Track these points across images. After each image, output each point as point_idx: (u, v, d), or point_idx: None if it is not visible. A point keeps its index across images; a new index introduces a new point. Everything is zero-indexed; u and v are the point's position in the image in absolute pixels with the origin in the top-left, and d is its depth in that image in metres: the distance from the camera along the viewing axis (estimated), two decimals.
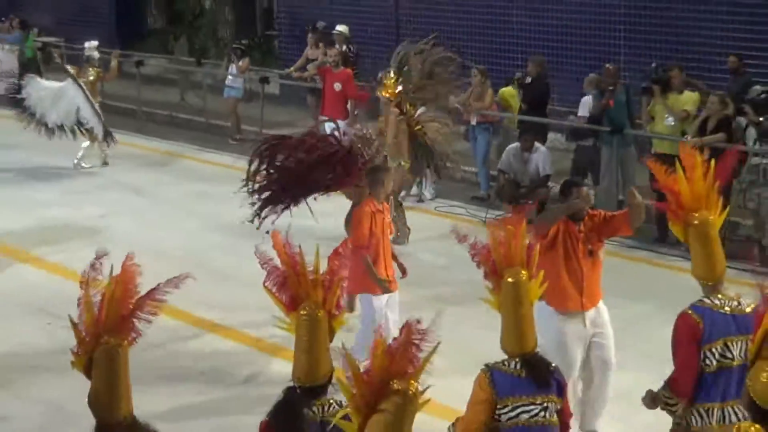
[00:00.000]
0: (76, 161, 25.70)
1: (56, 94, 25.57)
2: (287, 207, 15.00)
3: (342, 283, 8.90)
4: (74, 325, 8.18)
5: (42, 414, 12.51)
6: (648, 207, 12.71)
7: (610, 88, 21.32)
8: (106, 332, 8.16)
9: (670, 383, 9.98)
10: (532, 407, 9.05)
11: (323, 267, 8.78)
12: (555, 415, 9.20)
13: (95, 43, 27.00)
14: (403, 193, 19.79)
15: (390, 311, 14.18)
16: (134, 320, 8.25)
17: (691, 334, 9.87)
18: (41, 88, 25.99)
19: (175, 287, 8.31)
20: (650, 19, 25.26)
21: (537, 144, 20.34)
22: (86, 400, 8.15)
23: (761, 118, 19.69)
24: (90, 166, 25.67)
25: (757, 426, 6.91)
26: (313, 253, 8.71)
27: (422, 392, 7.59)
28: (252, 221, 14.79)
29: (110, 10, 38.66)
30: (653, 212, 16.07)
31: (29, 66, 32.84)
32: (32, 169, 25.69)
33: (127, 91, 31.65)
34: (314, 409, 8.49)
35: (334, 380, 8.52)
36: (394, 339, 7.49)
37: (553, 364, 9.36)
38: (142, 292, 8.12)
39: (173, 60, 34.85)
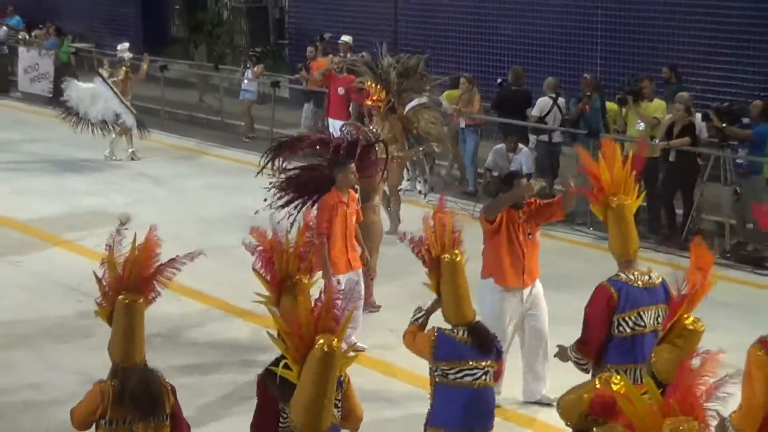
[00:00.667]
0: (107, 153, 25.92)
1: (92, 93, 25.72)
2: (305, 203, 15.27)
3: (313, 251, 9.39)
4: (98, 280, 8.77)
5: (74, 383, 12.52)
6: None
7: (588, 94, 21.46)
8: (127, 289, 8.66)
9: (578, 345, 10.45)
10: (476, 371, 9.54)
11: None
12: (493, 379, 9.76)
13: (127, 44, 27.12)
14: (402, 185, 19.84)
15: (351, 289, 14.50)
16: (154, 282, 8.78)
17: (606, 305, 10.32)
18: (79, 89, 26.13)
19: (190, 260, 8.89)
20: (625, 33, 25.41)
21: (520, 145, 20.54)
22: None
23: (724, 125, 19.93)
24: (119, 158, 25.88)
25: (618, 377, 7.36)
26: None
27: (349, 350, 8.38)
28: (257, 212, 14.65)
29: (137, 19, 38.70)
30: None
31: (64, 69, 33.02)
32: (64, 161, 25.90)
33: (152, 93, 31.66)
34: None
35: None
36: (317, 299, 7.87)
37: (493, 333, 9.88)
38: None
39: (193, 65, 34.86)
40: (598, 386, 7.32)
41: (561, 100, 22.57)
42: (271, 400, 8.55)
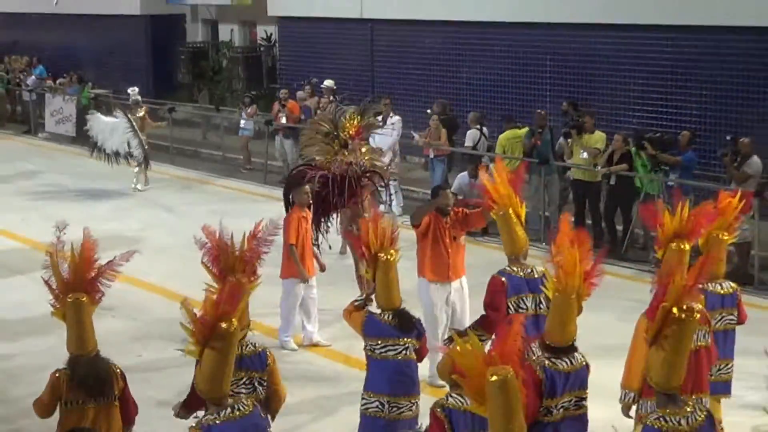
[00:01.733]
0: (133, 185, 26.13)
1: (112, 127, 26.02)
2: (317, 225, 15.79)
3: (259, 257, 9.85)
4: (47, 283, 9.29)
5: None
6: None
7: (539, 130, 21.53)
8: (73, 291, 9.13)
9: (482, 323, 11.08)
10: (397, 347, 10.29)
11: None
12: (414, 353, 10.42)
13: (136, 89, 27.40)
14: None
15: (308, 293, 15.09)
16: (97, 282, 9.23)
17: (500, 289, 10.91)
18: (101, 122, 26.45)
19: (126, 260, 9.49)
20: (570, 76, 25.57)
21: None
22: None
23: (655, 152, 20.12)
24: (144, 188, 26.09)
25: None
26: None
27: (241, 329, 8.56)
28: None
29: (148, 67, 38.80)
30: None
31: (85, 112, 33.15)
32: (85, 191, 26.02)
33: (161, 131, 31.82)
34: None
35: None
36: (219, 289, 8.37)
37: (417, 317, 10.68)
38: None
39: (197, 107, 34.98)
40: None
41: (485, 130, 23.27)
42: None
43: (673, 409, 7.33)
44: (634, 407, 9.96)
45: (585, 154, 20.36)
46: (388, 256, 10.32)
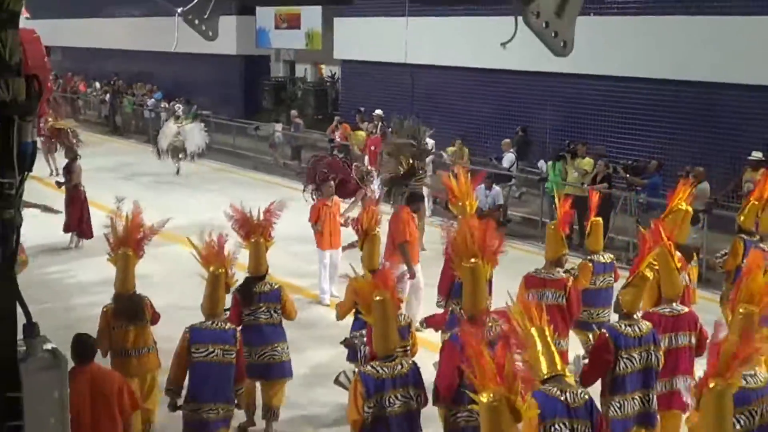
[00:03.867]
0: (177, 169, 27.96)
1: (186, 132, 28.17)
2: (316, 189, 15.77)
3: (272, 223, 10.60)
4: (106, 238, 10.01)
5: None
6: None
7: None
8: (123, 245, 9.85)
9: (439, 290, 11.80)
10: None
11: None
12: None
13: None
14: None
15: (332, 262, 15.13)
16: (140, 242, 9.98)
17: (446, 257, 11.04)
18: (172, 129, 28.35)
19: (162, 226, 10.25)
20: (565, 110, 25.55)
21: (494, 186, 20.67)
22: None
23: (627, 175, 20.14)
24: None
25: None
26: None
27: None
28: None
29: (240, 95, 39.11)
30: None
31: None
32: (189, 189, 25.83)
33: (247, 145, 32.12)
34: (258, 286, 10.25)
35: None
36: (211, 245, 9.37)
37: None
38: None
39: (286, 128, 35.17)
40: None
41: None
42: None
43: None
44: None
45: (576, 174, 20.28)
46: (376, 233, 10.66)
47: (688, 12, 21.99)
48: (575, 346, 11.41)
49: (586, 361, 9.44)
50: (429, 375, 8.38)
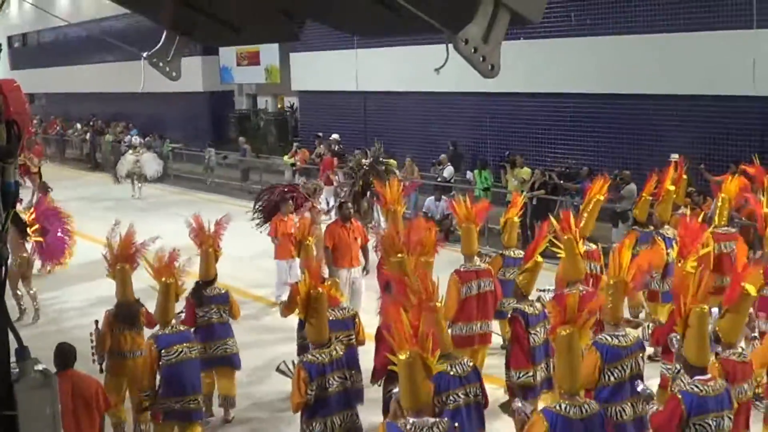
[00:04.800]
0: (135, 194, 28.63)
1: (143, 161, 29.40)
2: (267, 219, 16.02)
3: (221, 235, 11.06)
4: (104, 257, 10.30)
5: None
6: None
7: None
8: (120, 261, 10.12)
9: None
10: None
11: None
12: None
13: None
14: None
15: (294, 271, 14.86)
16: (135, 257, 10.26)
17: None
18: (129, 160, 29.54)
19: (152, 243, 10.51)
20: (506, 128, 25.67)
21: (443, 196, 20.76)
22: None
23: (561, 181, 20.27)
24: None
25: None
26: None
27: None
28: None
29: (209, 127, 38.98)
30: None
31: (165, 160, 33.34)
32: (163, 215, 25.71)
33: (218, 172, 32.02)
34: (208, 290, 10.62)
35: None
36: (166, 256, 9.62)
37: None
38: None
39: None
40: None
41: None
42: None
43: None
44: None
45: (515, 182, 20.41)
46: (308, 242, 10.98)
47: (608, 32, 22.24)
48: None
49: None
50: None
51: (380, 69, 29.07)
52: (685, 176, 14.88)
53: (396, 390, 6.77)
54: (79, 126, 43.26)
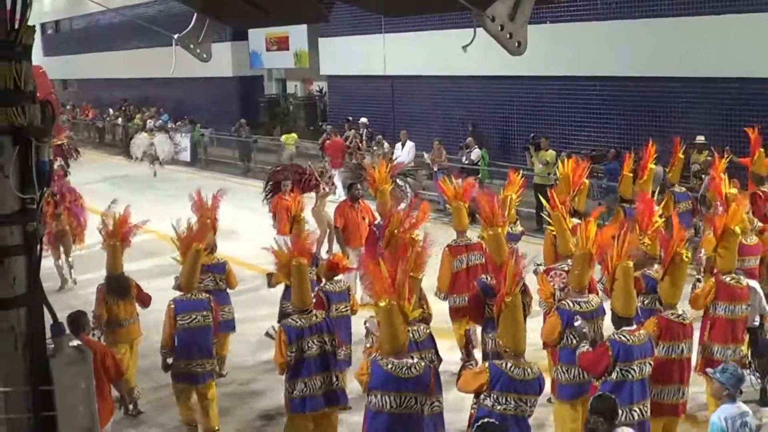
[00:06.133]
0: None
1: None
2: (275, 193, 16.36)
3: (217, 207, 12.24)
4: (99, 231, 10.91)
5: None
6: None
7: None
8: (113, 238, 10.69)
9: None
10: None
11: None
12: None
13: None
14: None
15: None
16: (128, 234, 10.88)
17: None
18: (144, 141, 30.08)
19: (143, 224, 11.26)
20: (532, 112, 25.57)
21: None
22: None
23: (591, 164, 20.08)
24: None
25: None
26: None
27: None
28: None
29: (238, 112, 38.89)
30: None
31: (197, 145, 33.49)
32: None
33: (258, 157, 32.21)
34: (207, 259, 11.10)
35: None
36: (192, 227, 10.53)
37: None
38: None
39: (273, 138, 35.10)
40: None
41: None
42: None
43: None
44: None
45: (541, 165, 20.27)
46: (301, 218, 11.88)
47: (635, 16, 22.06)
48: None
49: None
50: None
51: (408, 53, 28.98)
52: (681, 156, 15.42)
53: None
54: (111, 111, 43.52)
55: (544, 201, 10.83)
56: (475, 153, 23.12)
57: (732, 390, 7.06)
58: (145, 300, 10.96)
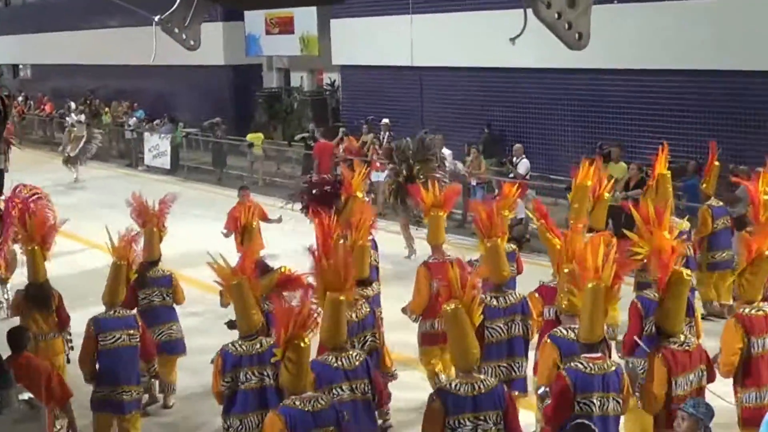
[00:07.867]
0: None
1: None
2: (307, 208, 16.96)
3: (165, 213, 12.80)
4: (16, 236, 11.73)
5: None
6: None
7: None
8: (31, 242, 11.57)
9: None
10: None
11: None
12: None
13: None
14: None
15: None
16: (48, 239, 11.67)
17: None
18: None
19: (62, 224, 12.33)
20: (593, 117, 25.57)
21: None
22: None
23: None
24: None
25: None
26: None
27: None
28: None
29: (231, 110, 39.02)
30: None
31: (178, 148, 33.62)
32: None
33: (241, 164, 32.10)
34: (151, 271, 12.24)
35: None
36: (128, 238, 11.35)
37: None
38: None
39: (272, 142, 35.13)
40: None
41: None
42: None
43: None
44: None
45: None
46: (253, 226, 13.41)
47: None
48: None
49: None
50: None
51: (440, 39, 29.04)
52: (717, 163, 15.66)
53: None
54: (73, 105, 43.63)
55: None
56: (524, 164, 23.08)
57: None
58: (63, 320, 11.50)
